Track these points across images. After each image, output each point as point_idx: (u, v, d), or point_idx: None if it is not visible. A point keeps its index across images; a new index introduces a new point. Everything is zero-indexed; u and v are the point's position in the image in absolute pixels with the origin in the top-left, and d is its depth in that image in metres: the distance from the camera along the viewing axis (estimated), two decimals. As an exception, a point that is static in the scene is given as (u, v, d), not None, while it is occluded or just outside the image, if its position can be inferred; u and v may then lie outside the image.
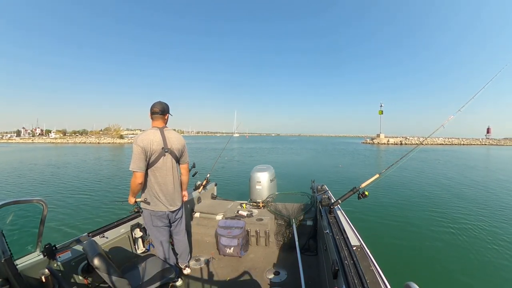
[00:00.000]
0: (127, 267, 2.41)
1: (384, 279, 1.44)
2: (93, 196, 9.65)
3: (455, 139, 74.18)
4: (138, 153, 2.30)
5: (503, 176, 14.13)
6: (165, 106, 2.55)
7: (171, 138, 2.52)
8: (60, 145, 57.53)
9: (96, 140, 71.23)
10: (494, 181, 12.49)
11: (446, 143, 66.01)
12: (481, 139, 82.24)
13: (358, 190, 2.43)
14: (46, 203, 2.08)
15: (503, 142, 77.39)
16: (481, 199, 9.09)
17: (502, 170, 16.83)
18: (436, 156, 27.15)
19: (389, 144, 62.03)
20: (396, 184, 11.20)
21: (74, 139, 77.68)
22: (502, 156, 30.53)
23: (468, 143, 69.91)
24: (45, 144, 61.66)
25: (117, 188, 11.15)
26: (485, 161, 24.28)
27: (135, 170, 2.31)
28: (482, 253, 5.01)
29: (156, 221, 2.55)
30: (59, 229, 6.22)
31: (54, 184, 12.12)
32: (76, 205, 8.36)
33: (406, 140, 69.28)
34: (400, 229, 6.24)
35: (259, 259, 3.21)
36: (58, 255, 2.22)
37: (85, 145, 57.57)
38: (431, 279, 4.18)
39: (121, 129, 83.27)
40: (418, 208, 7.93)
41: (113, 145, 58.62)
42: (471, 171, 16.25)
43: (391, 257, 4.81)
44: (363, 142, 70.07)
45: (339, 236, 2.03)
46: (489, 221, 6.74)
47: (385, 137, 70.90)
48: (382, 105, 71.44)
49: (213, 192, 4.86)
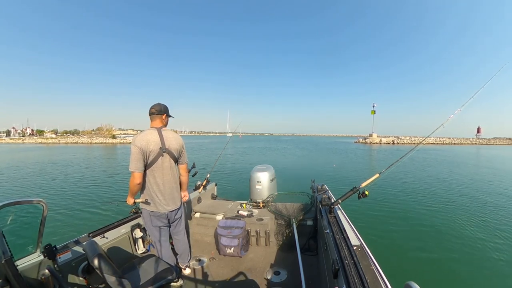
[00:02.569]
0: (127, 267, 2.39)
1: (385, 278, 1.44)
2: (93, 196, 9.57)
3: (446, 139, 75.38)
4: (135, 153, 2.30)
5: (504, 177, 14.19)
6: (163, 107, 2.57)
7: (169, 138, 2.51)
8: (52, 145, 56.53)
9: (88, 140, 70.31)
10: (494, 181, 12.55)
11: (437, 143, 67.06)
12: (471, 138, 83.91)
13: (358, 190, 2.43)
14: (46, 203, 2.06)
15: (492, 141, 79.17)
16: (481, 199, 9.13)
17: (499, 170, 16.98)
18: (434, 156, 27.37)
19: (382, 144, 62.74)
20: (396, 184, 11.26)
21: (65, 139, 76.50)
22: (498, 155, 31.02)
23: (459, 143, 71.26)
24: (36, 145, 60.54)
25: (117, 188, 11.08)
26: (485, 160, 24.47)
27: (133, 170, 2.31)
28: (482, 253, 5.04)
29: (156, 221, 2.54)
30: (59, 229, 6.17)
31: (54, 184, 12.00)
32: (76, 205, 8.29)
33: (398, 139, 70.23)
34: (400, 228, 6.25)
35: (259, 259, 3.22)
36: (58, 255, 2.21)
37: (77, 145, 56.72)
38: (431, 278, 4.18)
39: (113, 129, 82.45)
40: (418, 208, 7.95)
41: (105, 145, 57.90)
42: (471, 171, 16.38)
43: (392, 256, 4.82)
44: (356, 142, 70.82)
45: (339, 236, 2.04)
46: (489, 220, 6.80)
47: (378, 137, 71.74)
48: (374, 105, 72.31)
49: (213, 192, 4.86)
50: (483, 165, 20.10)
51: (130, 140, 65.84)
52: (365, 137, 78.93)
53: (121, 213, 6.39)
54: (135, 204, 2.56)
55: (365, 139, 70.60)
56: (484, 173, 15.49)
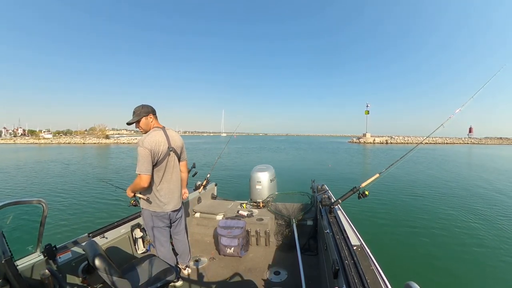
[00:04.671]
0: (127, 267, 2.37)
1: (385, 278, 1.45)
2: (93, 196, 9.52)
3: (439, 138, 76.30)
4: (145, 156, 2.26)
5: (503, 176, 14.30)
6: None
7: (174, 137, 2.55)
8: (44, 146, 55.62)
9: (81, 140, 69.24)
10: (494, 181, 12.61)
11: (430, 142, 67.71)
12: (463, 138, 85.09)
13: (358, 190, 2.44)
14: (46, 203, 2.04)
15: (484, 141, 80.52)
16: (481, 198, 9.16)
17: (498, 170, 17.06)
18: (432, 156, 27.60)
19: (375, 143, 63.23)
20: (396, 183, 11.31)
21: (58, 140, 75.29)
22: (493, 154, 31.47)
23: (451, 142, 72.22)
24: (28, 145, 59.56)
25: (116, 188, 10.95)
26: (485, 160, 24.64)
27: (143, 173, 2.26)
28: (483, 252, 5.06)
29: (157, 221, 2.52)
30: (59, 229, 6.13)
31: (54, 184, 11.92)
32: (76, 205, 8.25)
33: (392, 139, 70.85)
34: (400, 228, 6.25)
35: (259, 259, 3.22)
36: (58, 255, 2.20)
37: (70, 146, 55.89)
38: (431, 278, 4.19)
39: (106, 129, 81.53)
40: (418, 207, 7.97)
41: (99, 145, 57.21)
42: (471, 170, 16.51)
43: (392, 256, 4.82)
44: (350, 142, 71.25)
45: (339, 236, 2.05)
46: (489, 219, 6.83)
47: (371, 137, 72.28)
48: (368, 105, 72.90)
49: (213, 192, 4.86)
50: (483, 164, 20.22)
51: (124, 140, 65.64)
52: (358, 137, 79.51)
53: (121, 213, 6.34)
54: (134, 197, 2.54)
55: (359, 139, 71.09)
56: (483, 172, 15.55)
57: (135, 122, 2.43)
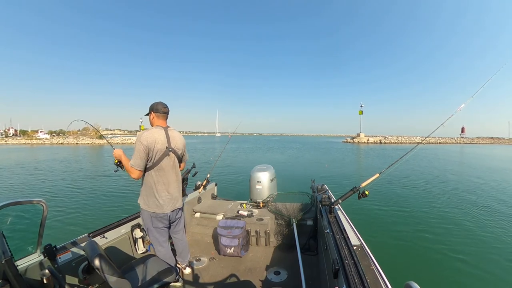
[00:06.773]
0: (127, 267, 2.36)
1: (385, 278, 1.45)
2: (93, 196, 9.47)
3: (432, 138, 77.14)
4: (140, 151, 2.28)
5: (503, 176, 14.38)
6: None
7: (175, 137, 2.54)
8: (36, 146, 54.84)
9: (74, 140, 68.45)
10: (494, 181, 12.62)
11: (423, 142, 68.05)
12: (456, 138, 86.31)
13: (358, 190, 2.44)
14: (46, 203, 2.02)
15: (476, 140, 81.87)
16: (481, 198, 9.19)
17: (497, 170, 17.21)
18: (428, 155, 27.74)
19: (369, 143, 63.67)
20: (396, 183, 11.38)
21: (50, 140, 74.35)
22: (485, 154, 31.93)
23: (444, 142, 73.24)
24: (20, 146, 58.61)
25: (116, 187, 11.00)
26: (484, 160, 24.78)
27: (135, 167, 2.29)
28: (483, 253, 5.07)
29: (157, 222, 2.51)
30: (59, 229, 6.10)
31: (54, 184, 11.84)
32: (76, 205, 8.21)
33: (385, 139, 71.43)
34: (401, 228, 6.27)
35: (259, 259, 3.22)
36: (58, 255, 2.18)
37: (63, 146, 55.25)
38: (431, 278, 4.19)
39: (100, 129, 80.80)
40: (418, 207, 8.00)
41: (92, 145, 56.63)
42: (470, 170, 16.61)
43: (392, 256, 4.84)
44: (344, 141, 71.63)
45: (339, 236, 2.05)
46: (489, 220, 6.86)
47: (365, 136, 72.77)
48: (362, 106, 73.31)
49: (213, 192, 4.86)
50: (480, 164, 20.40)
51: (117, 140, 65.02)
52: (353, 136, 79.98)
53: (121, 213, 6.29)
54: (119, 165, 2.57)
55: (353, 139, 71.44)
56: (482, 172, 15.66)
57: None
